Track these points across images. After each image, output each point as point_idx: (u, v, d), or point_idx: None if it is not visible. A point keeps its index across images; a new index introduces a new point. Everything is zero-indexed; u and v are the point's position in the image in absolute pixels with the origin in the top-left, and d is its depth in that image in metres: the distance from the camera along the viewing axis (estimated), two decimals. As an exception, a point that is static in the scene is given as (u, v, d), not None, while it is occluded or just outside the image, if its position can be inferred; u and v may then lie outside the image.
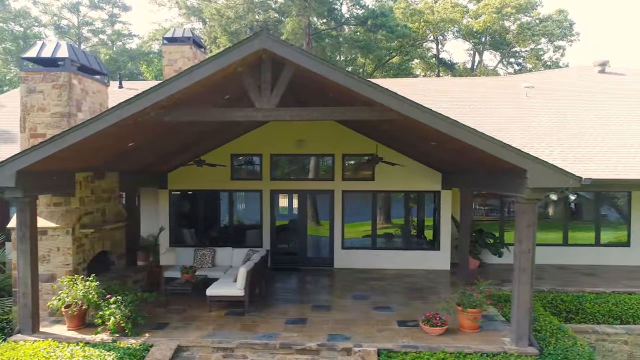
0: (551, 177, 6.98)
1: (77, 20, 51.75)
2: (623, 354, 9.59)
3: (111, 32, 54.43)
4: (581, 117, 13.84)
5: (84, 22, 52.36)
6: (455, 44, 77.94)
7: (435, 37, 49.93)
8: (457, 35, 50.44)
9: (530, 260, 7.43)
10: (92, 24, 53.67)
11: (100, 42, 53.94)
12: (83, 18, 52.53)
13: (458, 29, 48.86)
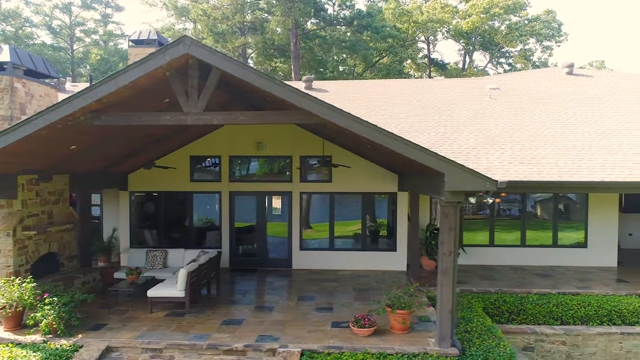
0: (468, 180, 7.08)
1: (69, 20, 51.84)
2: (561, 354, 9.70)
3: (102, 33, 54.50)
4: (541, 118, 13.93)
5: (76, 22, 52.43)
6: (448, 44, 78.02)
7: (426, 38, 50.10)
8: (446, 36, 50.62)
9: (452, 263, 7.54)
10: (84, 24, 53.76)
11: (93, 42, 54.01)
12: (75, 18, 52.62)
13: (447, 30, 48.97)
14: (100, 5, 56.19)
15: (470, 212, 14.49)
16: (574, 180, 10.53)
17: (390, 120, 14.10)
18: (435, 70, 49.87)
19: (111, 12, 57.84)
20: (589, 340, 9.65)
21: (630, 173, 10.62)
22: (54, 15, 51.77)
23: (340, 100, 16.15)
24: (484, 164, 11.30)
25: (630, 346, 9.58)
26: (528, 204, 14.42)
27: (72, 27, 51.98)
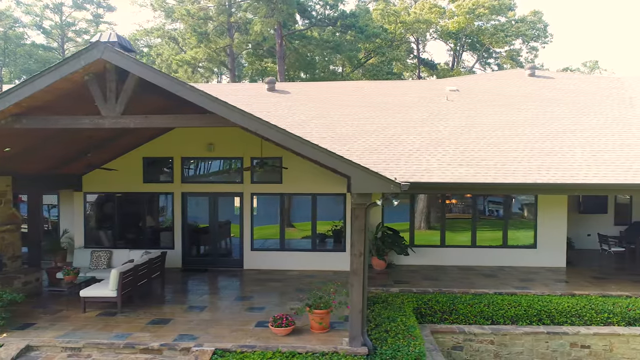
0: (373, 183, 7.23)
1: (60, 20, 51.92)
2: (489, 353, 9.86)
3: (93, 33, 54.52)
4: (492, 120, 14.08)
5: (67, 22, 52.52)
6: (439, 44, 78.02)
7: (415, 38, 50.26)
8: (433, 37, 50.77)
9: (362, 264, 7.69)
10: (75, 24, 53.85)
11: (85, 42, 54.03)
12: (66, 19, 52.74)
13: (435, 30, 49.09)
14: (92, 6, 56.30)
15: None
16: (508, 182, 10.72)
17: (343, 122, 14.28)
18: (426, 70, 49.98)
19: (103, 12, 57.96)
20: (516, 339, 9.80)
21: (562, 175, 10.80)
22: (45, 15, 51.86)
23: (299, 101, 16.35)
24: (424, 166, 11.47)
25: (556, 345, 9.73)
26: (481, 205, 14.58)
27: (63, 27, 52.08)
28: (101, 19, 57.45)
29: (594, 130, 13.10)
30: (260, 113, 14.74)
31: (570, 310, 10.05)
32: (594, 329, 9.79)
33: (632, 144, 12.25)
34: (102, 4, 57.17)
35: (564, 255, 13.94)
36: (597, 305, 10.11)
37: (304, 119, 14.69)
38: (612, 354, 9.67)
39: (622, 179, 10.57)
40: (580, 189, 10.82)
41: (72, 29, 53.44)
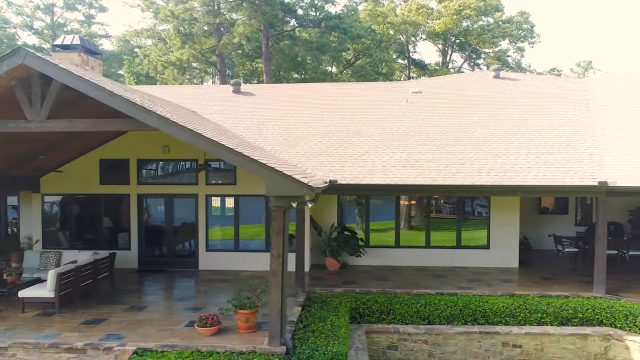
0: (287, 186, 7.38)
1: (51, 21, 52.07)
2: (423, 352, 10.02)
3: (83, 34, 54.61)
4: (446, 122, 14.22)
5: (58, 23, 52.62)
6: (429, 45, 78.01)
7: (405, 39, 50.44)
8: (422, 37, 50.93)
9: (281, 265, 7.84)
10: (66, 25, 53.95)
11: None
12: (57, 19, 52.87)
13: (422, 31, 49.19)
14: (84, 6, 56.45)
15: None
16: (447, 184, 10.90)
17: (300, 124, 14.45)
18: (417, 70, 50.08)
19: (95, 12, 58.11)
20: (449, 339, 9.97)
21: (502, 177, 10.97)
22: (36, 16, 52.00)
23: (262, 104, 16.54)
24: (368, 168, 11.65)
25: (488, 345, 9.89)
26: (438, 206, 14.75)
27: (55, 28, 52.19)
28: (93, 20, 57.65)
29: (544, 132, 13.24)
30: (221, 115, 15.03)
31: (505, 310, 10.21)
32: (526, 328, 9.96)
33: (578, 146, 12.40)
34: (94, 4, 57.35)
35: (517, 255, 14.10)
36: (531, 306, 10.26)
37: (263, 121, 14.85)
38: (543, 353, 9.83)
39: (559, 181, 10.73)
40: (519, 190, 10.96)
41: (63, 29, 53.49)
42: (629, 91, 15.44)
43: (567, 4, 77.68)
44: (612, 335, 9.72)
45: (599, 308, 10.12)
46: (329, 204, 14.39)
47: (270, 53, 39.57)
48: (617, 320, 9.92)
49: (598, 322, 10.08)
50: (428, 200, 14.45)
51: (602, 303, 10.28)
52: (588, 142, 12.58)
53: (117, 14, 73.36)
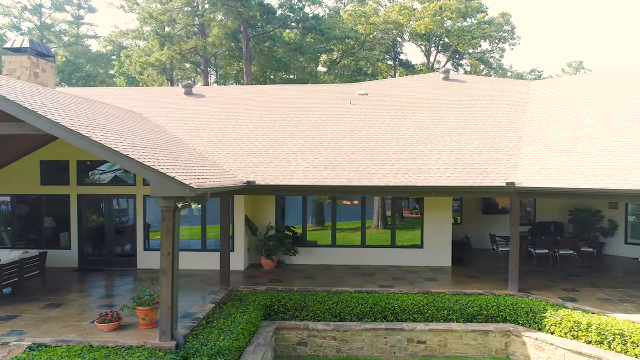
0: (169, 186, 7.65)
1: (39, 22, 52.30)
2: (332, 348, 10.31)
3: (70, 34, 54.83)
4: (381, 124, 14.50)
5: (46, 24, 52.86)
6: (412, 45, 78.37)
7: (392, 39, 50.75)
8: (405, 38, 51.20)
9: (171, 263, 8.12)
10: (54, 26, 54.21)
11: (64, 44, 54.26)
12: (45, 20, 53.12)
13: (405, 32, 49.44)
14: (72, 7, 56.69)
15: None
16: (362, 184, 11.18)
17: (239, 126, 14.73)
18: (404, 70, 50.32)
19: (84, 13, 58.36)
20: (357, 335, 10.26)
21: (416, 178, 11.25)
22: (24, 16, 52.24)
23: (210, 105, 16.81)
24: (292, 168, 11.93)
25: (394, 341, 10.18)
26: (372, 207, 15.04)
27: (42, 28, 52.45)
28: (82, 21, 57.95)
29: (474, 134, 13.53)
30: (165, 117, 15.30)
31: (413, 308, 10.50)
32: (431, 325, 10.25)
33: (501, 147, 12.69)
34: (83, 5, 57.63)
35: (449, 254, 14.38)
36: (439, 303, 10.55)
37: (205, 122, 15.14)
38: (447, 349, 10.12)
39: (470, 181, 11.00)
40: (432, 190, 11.24)
41: (52, 30, 53.70)
42: (565, 94, 15.74)
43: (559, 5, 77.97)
44: (511, 332, 10.01)
45: (503, 305, 10.41)
46: (267, 204, 14.70)
47: (250, 54, 39.87)
48: (519, 317, 10.21)
49: (502, 319, 10.37)
50: (363, 201, 14.74)
51: (507, 300, 10.57)
52: (512, 144, 12.87)
53: (106, 15, 73.61)
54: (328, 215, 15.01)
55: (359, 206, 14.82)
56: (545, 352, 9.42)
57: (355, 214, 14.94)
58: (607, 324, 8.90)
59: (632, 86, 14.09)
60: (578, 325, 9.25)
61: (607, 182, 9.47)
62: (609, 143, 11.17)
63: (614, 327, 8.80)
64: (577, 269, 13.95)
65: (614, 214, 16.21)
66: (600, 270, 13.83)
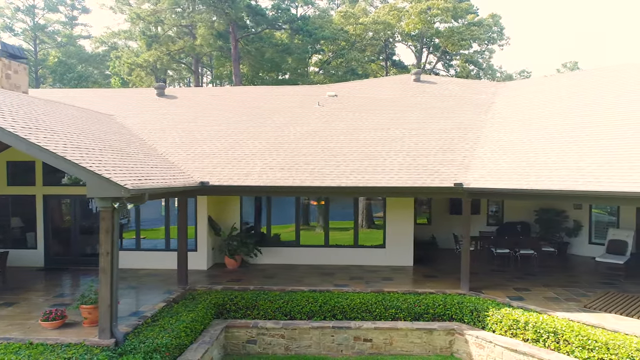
0: (105, 187, 7.84)
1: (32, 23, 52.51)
2: (281, 346, 10.48)
3: (63, 35, 55.01)
4: (344, 126, 14.67)
5: (39, 25, 53.07)
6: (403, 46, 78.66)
7: (384, 40, 50.98)
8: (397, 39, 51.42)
9: (110, 263, 8.30)
10: (49, 26, 54.42)
11: (58, 44, 54.42)
12: (38, 20, 53.33)
13: (393, 32, 49.62)
14: (66, 8, 56.91)
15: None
16: (315, 185, 11.37)
17: (204, 128, 14.91)
18: (398, 71, 50.52)
19: (78, 14, 58.63)
20: (304, 333, 10.43)
21: (369, 179, 11.43)
22: (17, 17, 52.45)
23: (180, 107, 17.00)
24: (248, 169, 12.12)
25: (341, 339, 10.35)
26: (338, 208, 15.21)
27: (36, 29, 52.67)
28: (75, 21, 58.20)
29: (434, 135, 13.70)
30: (135, 119, 15.50)
31: (361, 307, 10.67)
32: (378, 323, 10.42)
33: (457, 149, 12.85)
34: (77, 6, 57.87)
35: (411, 254, 14.54)
36: (388, 302, 10.72)
37: (172, 123, 15.32)
38: (392, 347, 10.29)
39: (420, 182, 11.16)
40: (384, 191, 11.43)
41: (45, 30, 53.89)
42: (529, 95, 15.91)
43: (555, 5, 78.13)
44: (455, 330, 10.18)
45: (450, 304, 10.58)
46: (231, 204, 14.87)
47: (239, 55, 40.07)
48: (464, 315, 10.38)
49: (449, 317, 10.54)
50: (327, 201, 14.91)
51: (455, 299, 10.74)
52: (469, 144, 13.04)
53: (100, 16, 73.77)
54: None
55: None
56: (485, 349, 9.59)
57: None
58: (543, 323, 9.07)
59: (595, 89, 14.25)
60: (517, 323, 9.42)
61: (553, 184, 9.62)
62: (564, 144, 11.32)
63: (549, 325, 8.96)
64: (538, 268, 14.11)
65: (579, 214, 16.36)
66: (558, 269, 13.99)
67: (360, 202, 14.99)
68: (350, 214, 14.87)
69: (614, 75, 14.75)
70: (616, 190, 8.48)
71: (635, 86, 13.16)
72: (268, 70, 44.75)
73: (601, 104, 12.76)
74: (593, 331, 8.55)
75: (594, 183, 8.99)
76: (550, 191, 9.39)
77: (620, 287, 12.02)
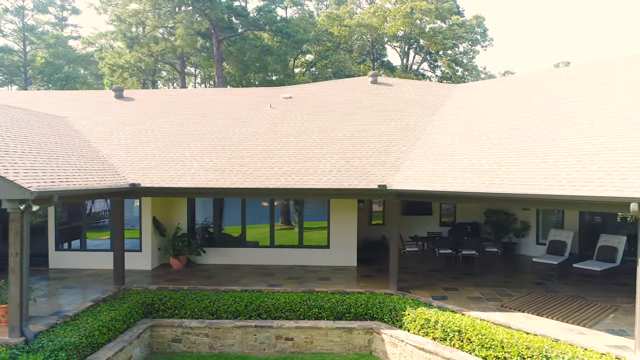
0: (10, 189, 8.04)
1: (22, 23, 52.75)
2: (205, 345, 10.69)
3: (51, 36, 55.19)
4: (290, 128, 14.85)
5: (28, 26, 53.29)
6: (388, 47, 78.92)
7: (370, 41, 51.22)
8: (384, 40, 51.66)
9: (19, 263, 8.50)
10: (38, 27, 54.64)
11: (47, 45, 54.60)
12: (27, 21, 53.57)
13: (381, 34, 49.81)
14: (56, 9, 57.16)
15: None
16: (244, 187, 11.56)
17: (151, 130, 15.11)
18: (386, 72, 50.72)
19: (68, 14, 58.86)
20: (228, 332, 10.64)
21: (297, 181, 11.60)
22: (5, 18, 52.68)
23: (135, 109, 17.24)
24: (183, 171, 12.32)
25: (263, 338, 10.56)
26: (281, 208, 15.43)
27: (25, 30, 52.89)
28: (65, 22, 58.46)
29: (373, 137, 13.88)
30: (88, 120, 15.71)
31: (286, 306, 10.87)
32: (300, 322, 10.63)
33: (393, 150, 13.05)
34: (67, 7, 58.13)
35: (354, 255, 14.75)
36: (312, 301, 10.92)
37: (121, 125, 15.52)
38: (313, 346, 10.50)
39: (346, 184, 11.37)
40: (312, 193, 11.61)
41: (34, 31, 54.08)
42: (476, 97, 16.10)
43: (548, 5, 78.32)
44: (374, 329, 10.38)
45: (371, 304, 10.79)
46: (178, 205, 15.08)
47: (221, 56, 40.29)
48: (385, 315, 10.59)
49: (370, 317, 10.74)
50: (271, 202, 15.11)
51: (377, 299, 10.94)
52: (406, 147, 13.23)
53: (90, 17, 73.94)
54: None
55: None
56: (398, 348, 9.79)
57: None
58: (450, 322, 9.27)
59: (535, 91, 14.42)
60: (428, 322, 9.62)
61: (466, 186, 9.82)
62: (486, 146, 11.51)
63: (455, 324, 9.16)
64: (479, 268, 14.30)
65: (527, 215, 16.56)
66: (498, 270, 14.18)
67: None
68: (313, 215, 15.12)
69: (551, 77, 14.96)
70: (514, 192, 8.69)
71: (563, 89, 13.38)
72: (256, 71, 44.95)
73: (530, 107, 12.96)
74: (494, 330, 8.75)
75: (497, 185, 9.20)
76: (458, 192, 9.60)
77: (550, 287, 12.22)
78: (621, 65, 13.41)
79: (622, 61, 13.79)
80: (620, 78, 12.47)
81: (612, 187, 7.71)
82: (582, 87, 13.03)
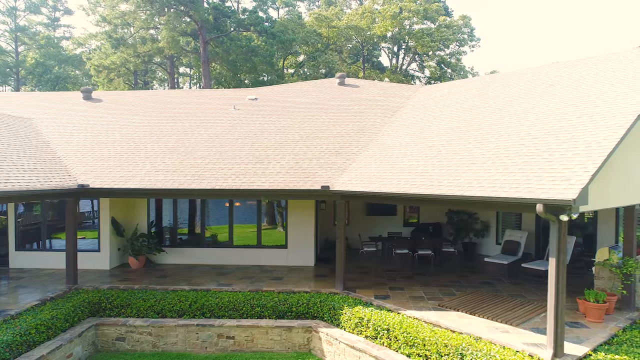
0: (-60, 191, 8.23)
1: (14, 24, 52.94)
2: (148, 344, 10.86)
3: (42, 36, 55.38)
4: (244, 130, 15.00)
5: (20, 26, 53.49)
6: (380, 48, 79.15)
7: (360, 42, 51.40)
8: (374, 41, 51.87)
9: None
10: (31, 27, 54.85)
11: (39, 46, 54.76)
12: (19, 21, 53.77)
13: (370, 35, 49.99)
14: (48, 9, 57.40)
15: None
16: (192, 188, 11.72)
17: (112, 131, 15.27)
18: (377, 72, 50.88)
19: (60, 15, 59.12)
20: (171, 331, 10.81)
21: (243, 182, 11.77)
22: (-3, 19, 52.81)
23: (102, 110, 17.40)
24: (134, 172, 12.51)
25: (205, 337, 10.73)
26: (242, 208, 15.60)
27: (17, 31, 53.10)
28: (57, 23, 58.69)
29: (328, 139, 14.05)
30: (52, 122, 15.91)
31: (229, 305, 11.05)
32: (241, 321, 10.80)
33: (345, 152, 13.22)
34: (59, 7, 58.37)
35: (312, 254, 14.92)
36: (254, 300, 11.10)
37: (82, 127, 15.68)
38: (254, 344, 10.67)
39: (292, 185, 11.55)
40: (258, 193, 11.76)
41: (26, 32, 54.27)
42: (437, 98, 16.25)
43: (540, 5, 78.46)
44: (312, 328, 10.55)
45: (312, 303, 10.96)
46: (137, 206, 15.26)
47: (208, 56, 40.46)
48: (324, 314, 10.76)
49: (311, 315, 10.91)
50: (231, 202, 15.29)
51: (318, 298, 11.11)
52: (357, 148, 13.40)
53: (82, 18, 74.13)
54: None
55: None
56: (333, 346, 9.97)
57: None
58: (381, 320, 9.44)
59: (489, 93, 14.58)
60: (361, 321, 9.79)
61: (399, 187, 9.98)
62: (426, 148, 11.68)
63: (384, 323, 9.34)
64: (434, 268, 14.47)
65: (488, 216, 16.73)
66: (451, 269, 14.34)
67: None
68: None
69: (510, 78, 15.11)
70: (434, 193, 8.87)
71: (521, 91, 13.53)
72: (246, 71, 45.13)
73: (486, 109, 13.12)
74: (419, 329, 8.92)
75: (427, 186, 9.37)
76: (390, 193, 9.77)
77: (496, 286, 12.39)
78: (570, 68, 13.56)
79: (577, 63, 13.94)
80: (568, 80, 12.63)
81: (525, 188, 7.89)
82: (535, 89, 13.19)
